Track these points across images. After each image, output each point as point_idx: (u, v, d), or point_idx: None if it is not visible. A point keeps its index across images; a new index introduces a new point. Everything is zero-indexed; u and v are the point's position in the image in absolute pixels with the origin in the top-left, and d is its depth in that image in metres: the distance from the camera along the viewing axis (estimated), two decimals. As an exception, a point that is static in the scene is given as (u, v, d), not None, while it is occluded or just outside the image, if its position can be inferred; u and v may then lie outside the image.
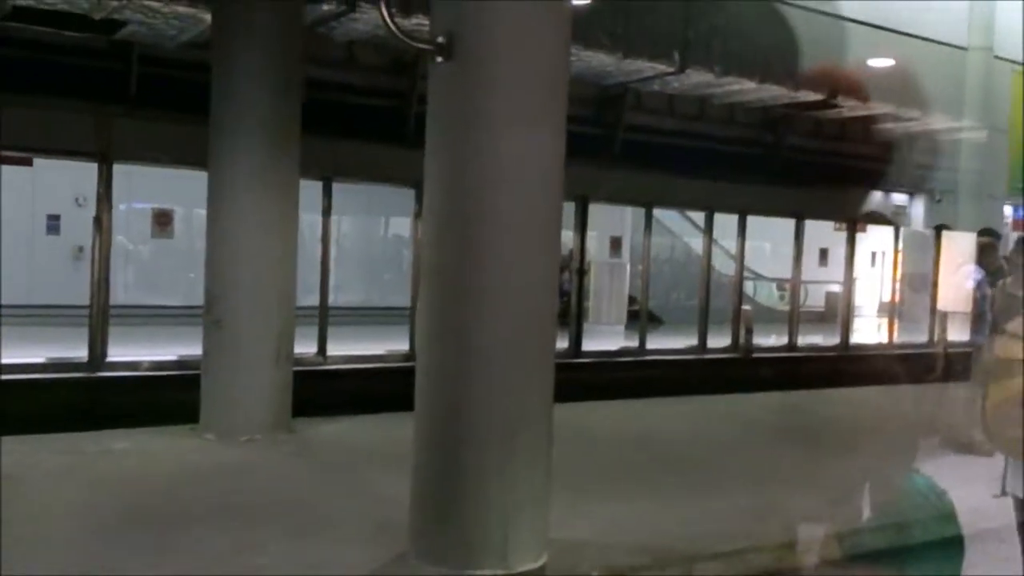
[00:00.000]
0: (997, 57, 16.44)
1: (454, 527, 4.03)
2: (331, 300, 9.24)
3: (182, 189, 9.91)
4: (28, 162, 9.76)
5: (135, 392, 7.50)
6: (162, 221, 11.97)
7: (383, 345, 9.45)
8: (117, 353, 7.74)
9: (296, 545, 4.26)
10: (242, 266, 6.56)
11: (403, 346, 9.03)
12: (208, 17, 7.81)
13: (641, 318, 11.08)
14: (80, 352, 7.64)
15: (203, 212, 6.98)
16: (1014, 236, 11.21)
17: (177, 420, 6.49)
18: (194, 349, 6.91)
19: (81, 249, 10.43)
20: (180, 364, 7.85)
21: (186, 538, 4.32)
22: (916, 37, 14.32)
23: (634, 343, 10.91)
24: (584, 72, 11.34)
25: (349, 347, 9.14)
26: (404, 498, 4.24)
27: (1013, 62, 16.77)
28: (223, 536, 4.36)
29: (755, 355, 11.22)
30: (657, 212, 11.83)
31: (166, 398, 6.93)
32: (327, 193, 9.02)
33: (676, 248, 15.46)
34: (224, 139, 6.54)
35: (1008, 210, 18.31)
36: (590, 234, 11.18)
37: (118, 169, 7.95)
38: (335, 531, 4.47)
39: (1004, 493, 3.45)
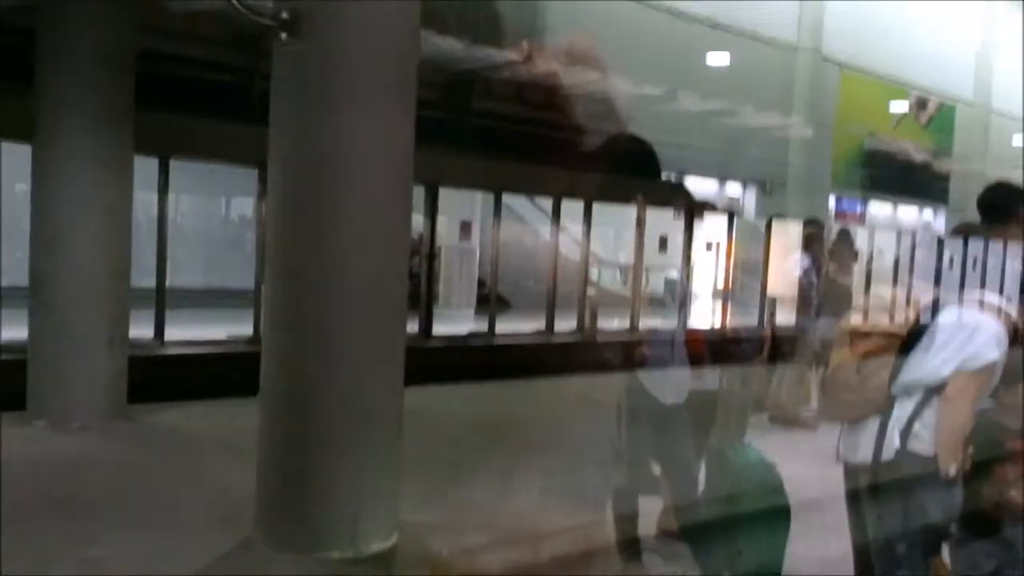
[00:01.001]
0: (825, 59, 17.50)
1: (302, 512, 3.98)
2: (169, 282, 8.89)
3: (4, 163, 9.25)
4: None
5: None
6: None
7: (225, 329, 9.18)
8: None
9: (135, 536, 4.13)
10: (72, 245, 6.24)
11: (246, 330, 8.80)
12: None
13: (490, 302, 11.21)
14: None
15: (25, 187, 6.60)
16: (837, 227, 11.99)
17: (3, 408, 6.12)
18: (19, 332, 6.52)
19: None
20: (4, 348, 7.39)
21: (15, 533, 4.09)
22: (749, 37, 15.07)
23: (484, 327, 11.03)
24: (434, 56, 11.33)
25: (189, 331, 8.83)
26: (247, 486, 4.14)
27: (840, 64, 17.90)
28: (56, 530, 4.20)
29: (599, 338, 11.55)
30: (507, 198, 11.98)
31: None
32: (164, 171, 8.66)
33: (524, 233, 15.69)
34: (50, 111, 6.19)
35: (832, 201, 19.58)
36: (440, 218, 11.21)
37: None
38: (176, 521, 4.35)
39: (838, 460, 3.71)
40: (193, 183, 12.26)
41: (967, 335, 3.45)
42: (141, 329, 7.57)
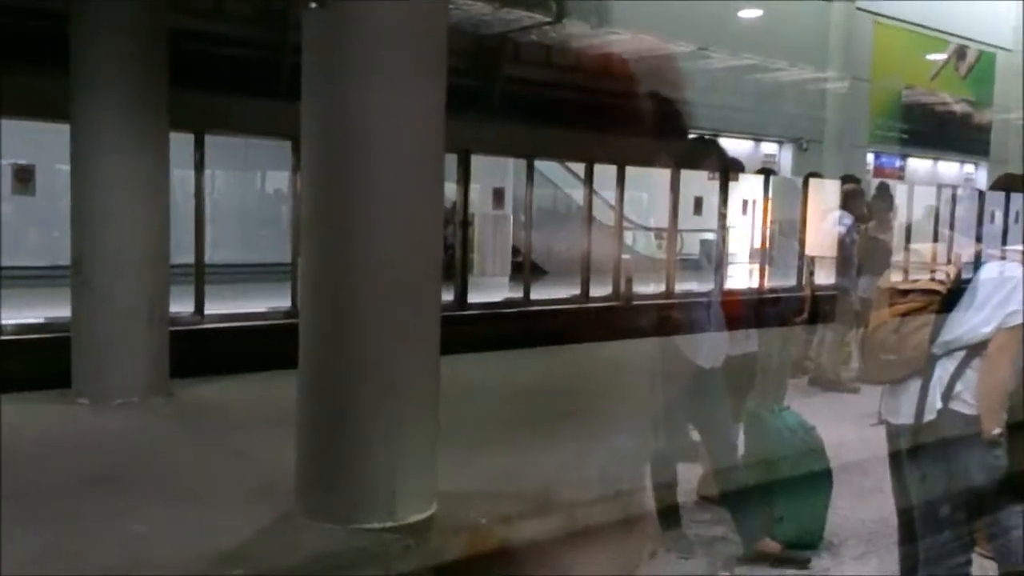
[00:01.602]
0: (859, 8, 17.09)
1: (341, 483, 4.01)
2: (207, 258, 8.97)
3: (44, 144, 9.37)
4: None
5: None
6: (22, 177, 11.32)
7: (263, 303, 9.25)
8: None
9: (176, 510, 4.16)
10: (111, 224, 6.32)
11: (284, 303, 8.86)
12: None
13: (525, 269, 11.19)
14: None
15: (66, 168, 6.66)
16: (876, 183, 11.77)
17: (47, 385, 6.22)
18: (63, 311, 6.62)
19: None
20: (48, 327, 7.51)
21: (59, 507, 4.17)
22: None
23: (519, 294, 11.01)
24: (462, 21, 11.24)
25: (227, 306, 8.91)
26: (287, 459, 4.18)
27: (874, 13, 17.47)
28: (99, 504, 4.22)
29: (635, 302, 11.50)
30: (539, 163, 11.90)
31: (34, 363, 6.64)
32: (199, 147, 8.70)
33: (558, 199, 15.61)
34: (87, 92, 6.25)
35: (870, 157, 19.23)
36: (473, 186, 11.18)
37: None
38: (216, 495, 4.38)
39: (880, 422, 3.66)
40: (228, 159, 12.33)
41: (1008, 292, 3.37)
42: (181, 305, 7.64)
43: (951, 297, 3.47)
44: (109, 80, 6.24)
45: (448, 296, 9.90)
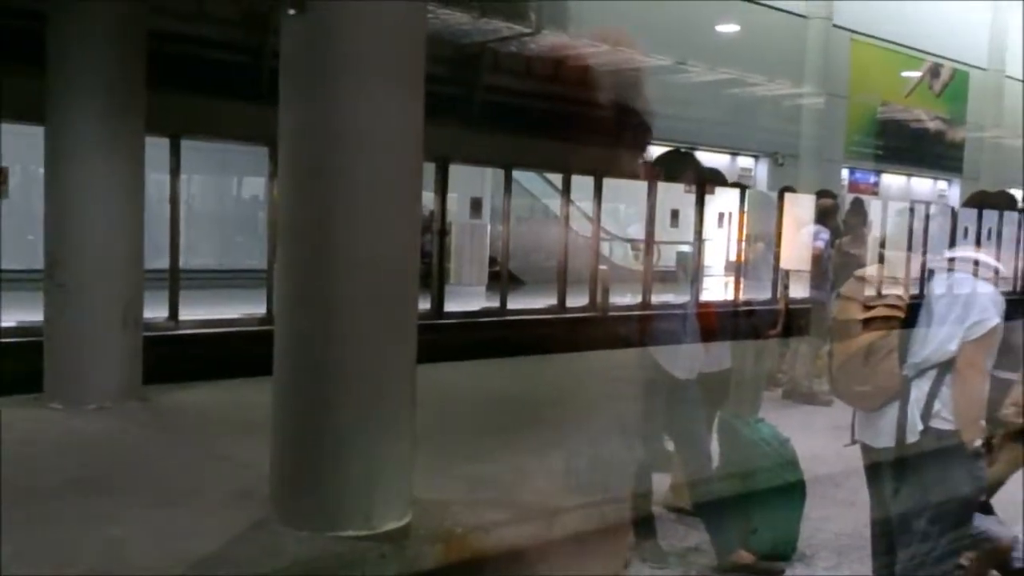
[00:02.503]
0: (836, 26, 17.28)
1: (316, 490, 3.99)
2: (182, 263, 8.91)
3: (17, 146, 9.27)
4: None
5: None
6: (-3, 179, 11.20)
7: (238, 309, 9.20)
8: None
9: (152, 515, 4.14)
10: (86, 227, 6.25)
11: (259, 309, 8.82)
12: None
13: (502, 279, 11.20)
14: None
15: (41, 170, 6.61)
16: (850, 198, 11.91)
17: (19, 390, 6.16)
18: (35, 315, 6.56)
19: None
20: (20, 331, 7.43)
21: (33, 512, 4.12)
22: (759, 4, 14.88)
23: (495, 303, 11.02)
24: (441, 30, 11.25)
25: (202, 311, 8.85)
26: (262, 465, 4.16)
27: (851, 31, 17.68)
28: (74, 509, 4.20)
29: (612, 313, 11.53)
30: (517, 173, 11.93)
31: (5, 367, 6.56)
32: (175, 151, 8.65)
33: (535, 209, 15.65)
34: (62, 93, 6.17)
35: (845, 173, 19.44)
36: (451, 195, 11.19)
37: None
38: (192, 500, 4.35)
39: (854, 442, 3.69)
40: (205, 164, 12.26)
41: (963, 305, 3.41)
42: (155, 310, 7.59)
43: (911, 313, 3.52)
44: (85, 82, 6.16)
45: (425, 304, 9.90)
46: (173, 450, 5.29)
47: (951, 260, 3.64)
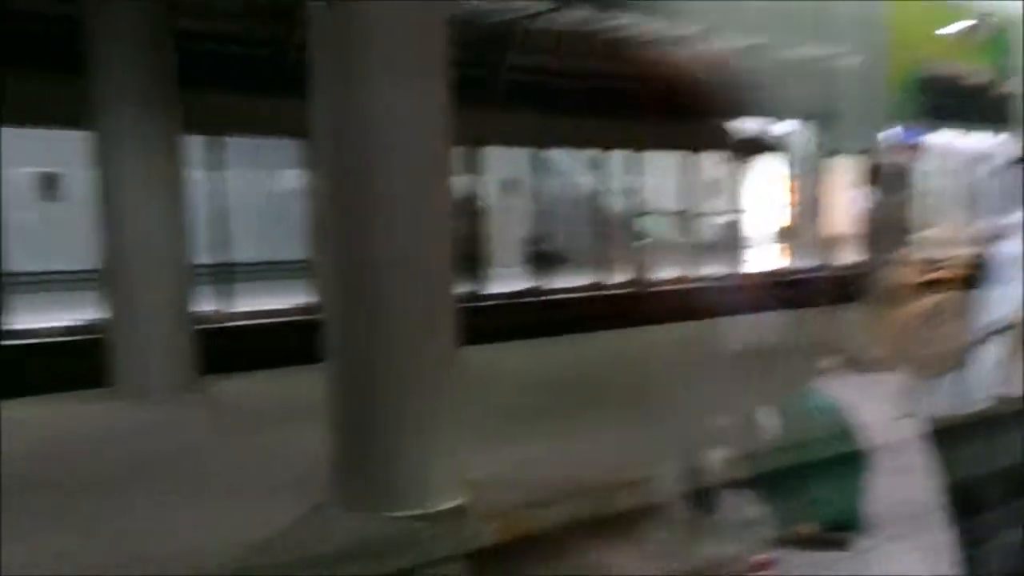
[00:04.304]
0: (872, -17, 16.89)
1: (371, 473, 4.04)
2: (228, 257, 9.04)
3: (68, 151, 9.42)
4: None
5: (42, 358, 7.21)
6: (48, 184, 11.49)
7: (283, 300, 9.30)
8: (19, 321, 7.52)
9: (215, 501, 4.22)
10: (134, 226, 6.45)
11: (302, 299, 8.88)
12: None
13: (539, 258, 11.13)
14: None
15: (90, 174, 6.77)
16: (896, 159, 11.64)
17: (86, 384, 6.39)
18: (97, 312, 6.79)
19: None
20: (83, 328, 7.68)
21: (105, 501, 4.25)
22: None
23: (534, 283, 10.97)
24: (466, 12, 11.14)
25: (249, 303, 8.98)
26: (317, 451, 4.20)
27: (888, -13, 17.27)
28: (136, 497, 4.32)
29: (651, 288, 11.42)
30: (552, 152, 11.83)
31: (72, 362, 6.79)
32: (213, 149, 8.75)
33: (571, 187, 15.53)
34: (102, 98, 6.40)
35: (889, 133, 19.03)
36: (483, 178, 11.13)
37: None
38: (252, 486, 4.43)
39: (915, 413, 3.58)
40: (240, 159, 12.33)
41: None
42: (206, 304, 7.76)
43: (975, 275, 3.38)
44: (124, 86, 6.36)
45: (465, 287, 9.87)
46: (231, 438, 5.37)
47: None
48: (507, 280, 11.39)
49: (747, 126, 16.54)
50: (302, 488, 4.28)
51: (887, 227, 7.90)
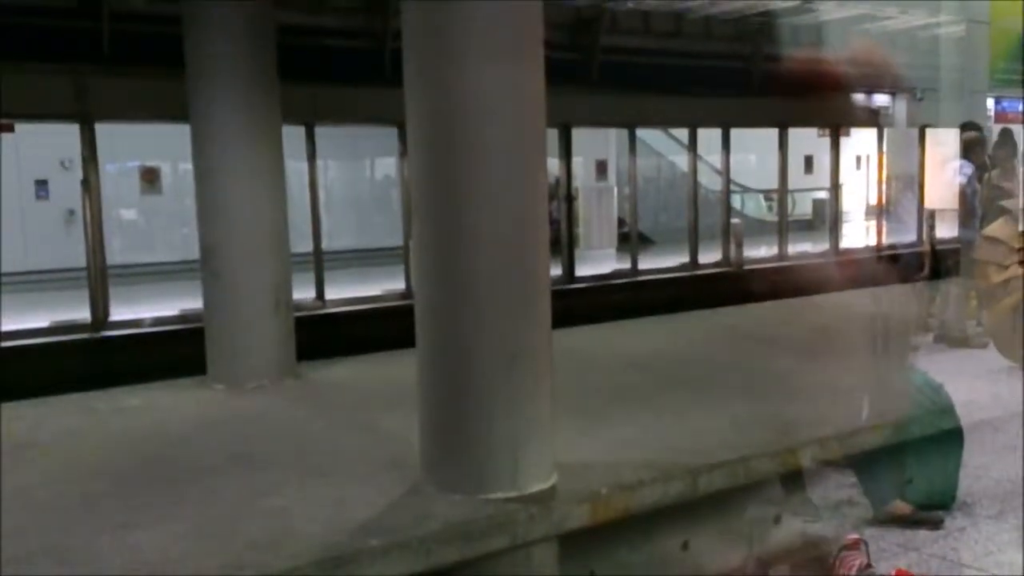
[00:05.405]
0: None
1: (464, 456, 4.10)
2: (324, 245, 9.28)
3: (167, 145, 9.87)
4: (10, 128, 9.68)
5: (141, 349, 7.55)
6: (149, 178, 11.96)
7: (379, 286, 9.51)
8: (119, 312, 7.80)
9: (312, 486, 4.33)
10: (233, 216, 6.54)
11: (399, 285, 9.09)
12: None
13: (631, 240, 11.14)
14: (83, 314, 7.68)
15: (190, 167, 6.99)
16: (998, 129, 11.21)
17: (185, 373, 6.55)
18: (196, 303, 6.94)
19: (72, 212, 10.44)
20: (183, 318, 7.92)
21: (202, 486, 4.40)
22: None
23: (626, 265, 10.99)
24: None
25: (346, 290, 9.19)
26: (412, 434, 4.30)
27: (989, -49, 16.55)
28: (239, 482, 4.43)
29: (746, 267, 11.31)
30: (641, 132, 11.80)
31: (173, 352, 6.98)
32: (310, 138, 8.99)
33: (662, 167, 15.44)
34: (202, 91, 6.47)
35: (991, 103, 18.28)
36: (575, 160, 11.18)
37: (100, 129, 7.91)
38: (349, 470, 4.53)
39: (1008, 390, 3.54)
40: (338, 148, 12.65)
41: None
42: (303, 292, 7.90)
43: None
44: (223, 80, 6.45)
45: (556, 270, 9.97)
46: (328, 424, 5.50)
47: None
48: (599, 262, 11.43)
49: (846, 100, 16.13)
50: (397, 471, 4.35)
51: (986, 200, 7.66)
